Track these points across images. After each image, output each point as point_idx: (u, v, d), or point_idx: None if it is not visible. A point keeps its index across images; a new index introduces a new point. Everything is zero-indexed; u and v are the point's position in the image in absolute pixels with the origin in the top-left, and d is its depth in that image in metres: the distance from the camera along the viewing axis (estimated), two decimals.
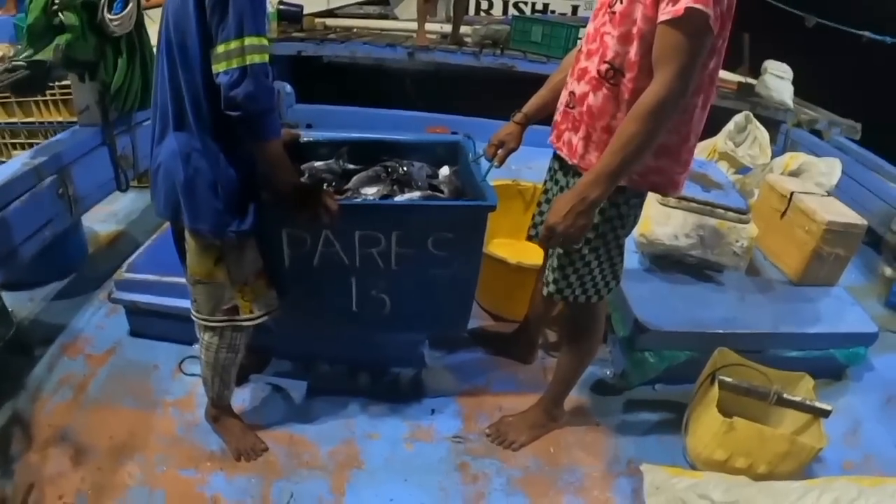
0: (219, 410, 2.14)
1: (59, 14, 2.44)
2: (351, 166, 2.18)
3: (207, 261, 1.81)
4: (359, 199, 1.98)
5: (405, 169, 2.12)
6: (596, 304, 1.99)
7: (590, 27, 1.74)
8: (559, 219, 1.64)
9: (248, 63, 1.51)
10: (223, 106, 1.55)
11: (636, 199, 1.83)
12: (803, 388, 2.18)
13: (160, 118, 1.72)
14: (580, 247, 1.83)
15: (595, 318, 2.06)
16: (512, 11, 7.29)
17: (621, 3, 1.59)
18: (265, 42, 1.54)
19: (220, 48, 1.52)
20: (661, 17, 1.48)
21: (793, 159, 3.47)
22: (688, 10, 1.43)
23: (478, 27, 5.68)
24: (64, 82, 3.38)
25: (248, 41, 1.51)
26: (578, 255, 1.86)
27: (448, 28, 5.81)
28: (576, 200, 1.61)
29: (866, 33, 5.13)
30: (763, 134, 3.82)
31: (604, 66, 1.65)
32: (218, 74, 1.53)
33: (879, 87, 5.86)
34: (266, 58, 1.55)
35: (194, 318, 1.93)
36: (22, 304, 2.78)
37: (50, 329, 2.64)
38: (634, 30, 1.57)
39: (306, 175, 2.12)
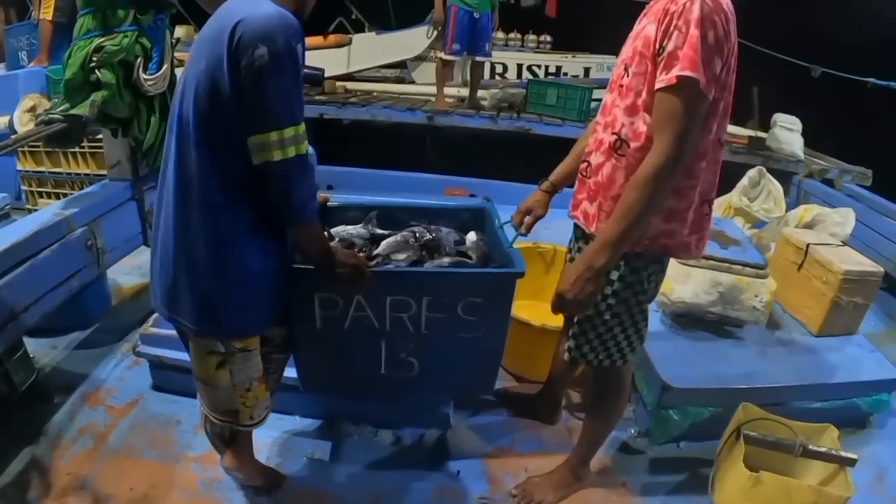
0: (236, 459, 2.10)
1: (97, 71, 2.51)
2: (380, 231, 2.23)
3: (210, 365, 1.75)
4: (390, 266, 2.02)
5: (433, 235, 2.17)
6: (620, 368, 2.01)
7: (606, 99, 1.81)
8: (568, 286, 1.69)
9: (303, 152, 1.48)
10: (273, 194, 1.51)
11: (656, 266, 1.86)
12: (828, 438, 2.17)
13: (164, 197, 1.62)
14: (596, 312, 1.86)
15: (620, 381, 2.08)
16: (526, 75, 7.55)
17: (627, 76, 1.67)
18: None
19: (273, 136, 1.43)
20: (657, 86, 1.55)
21: (807, 211, 3.52)
22: (679, 77, 1.49)
23: (494, 91, 5.86)
24: (94, 136, 3.44)
25: (301, 129, 1.47)
26: (601, 320, 1.89)
27: (465, 92, 6.01)
28: (583, 269, 1.67)
29: (871, 80, 5.25)
30: (777, 187, 3.87)
31: (612, 138, 1.72)
32: (272, 164, 1.45)
33: (887, 131, 5.93)
34: None
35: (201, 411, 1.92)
36: (44, 350, 2.82)
37: (71, 378, 2.67)
38: (639, 102, 1.63)
39: (337, 240, 2.17)
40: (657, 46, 1.54)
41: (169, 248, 1.61)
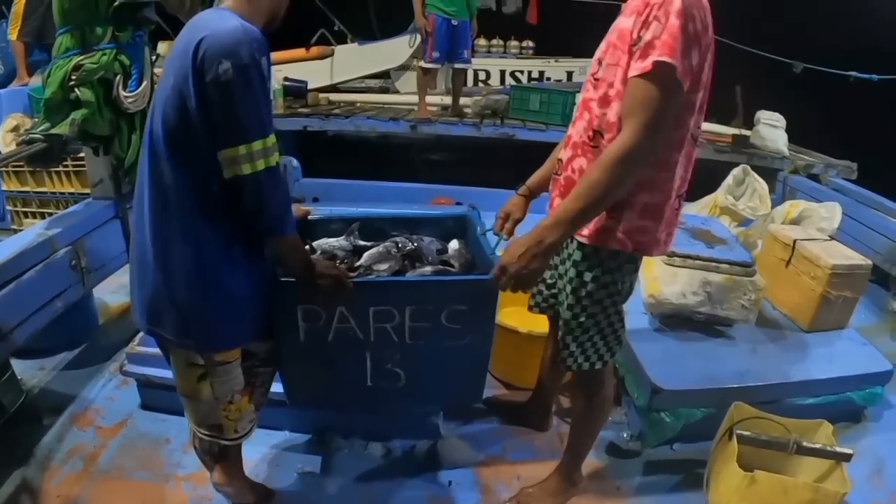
0: (225, 475, 2.07)
1: (76, 89, 2.49)
2: (362, 242, 2.21)
3: (191, 377, 1.75)
4: (372, 277, 2.00)
5: (415, 244, 2.15)
6: (600, 371, 1.99)
7: (578, 97, 1.82)
8: (513, 260, 1.61)
9: (273, 164, 1.48)
10: (246, 207, 1.51)
11: (630, 265, 1.83)
12: (822, 434, 2.16)
13: (140, 212, 1.61)
14: (572, 315, 1.86)
15: (599, 384, 2.05)
16: (509, 81, 7.53)
17: (602, 69, 1.67)
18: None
19: (242, 149, 1.44)
20: (632, 73, 1.53)
21: (793, 207, 3.52)
22: (655, 63, 1.47)
23: (477, 98, 5.85)
24: (76, 155, 3.45)
25: (269, 141, 1.47)
26: (577, 323, 1.87)
27: (448, 100, 6.01)
28: (532, 243, 1.59)
29: (853, 73, 5.28)
30: (762, 185, 3.87)
31: (589, 132, 1.70)
32: (242, 177, 1.46)
33: (870, 124, 5.97)
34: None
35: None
36: (32, 372, 2.79)
37: (60, 399, 2.65)
38: (612, 92, 1.62)
39: (318, 252, 2.15)
40: (634, 36, 1.53)
41: (147, 260, 1.60)
